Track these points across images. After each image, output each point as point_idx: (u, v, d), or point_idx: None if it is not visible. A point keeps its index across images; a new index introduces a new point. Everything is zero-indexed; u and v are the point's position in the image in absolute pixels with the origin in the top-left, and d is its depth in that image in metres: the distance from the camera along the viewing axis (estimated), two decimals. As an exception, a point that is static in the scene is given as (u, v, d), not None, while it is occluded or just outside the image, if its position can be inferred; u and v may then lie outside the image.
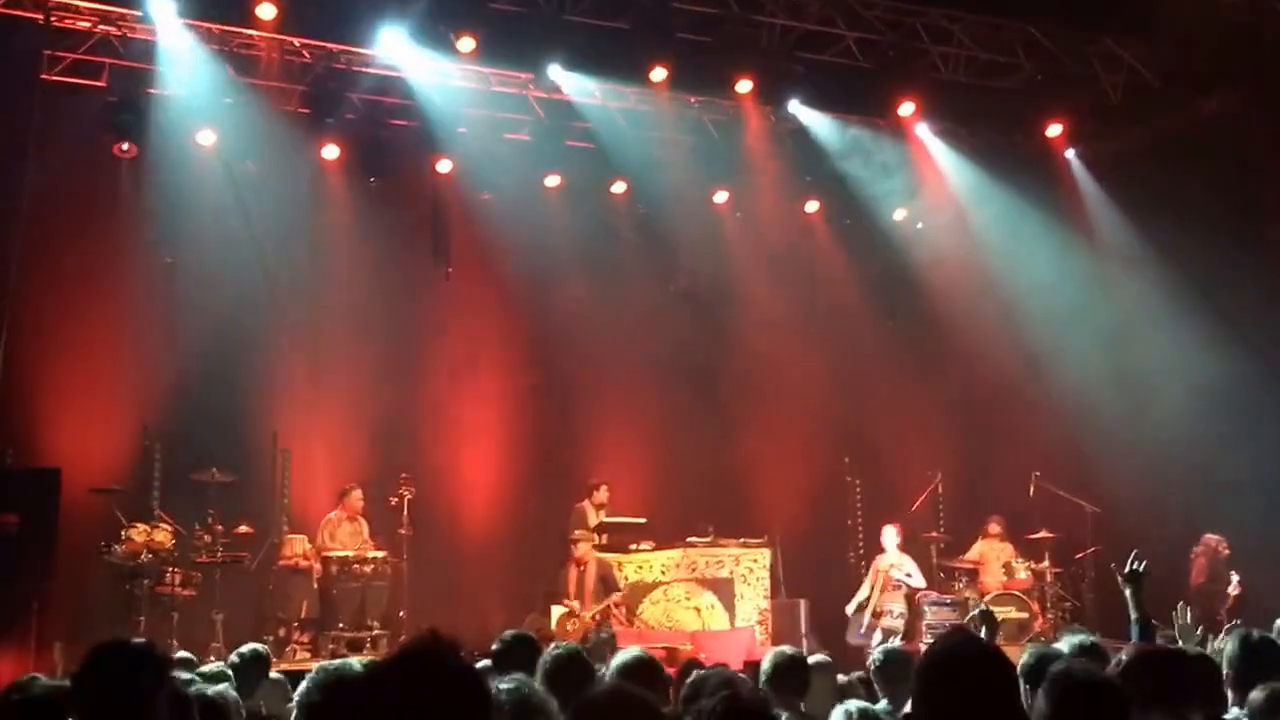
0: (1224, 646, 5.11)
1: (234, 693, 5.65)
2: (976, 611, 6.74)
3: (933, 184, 16.39)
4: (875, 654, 6.54)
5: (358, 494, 13.82)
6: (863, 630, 13.83)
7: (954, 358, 16.71)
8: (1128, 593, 5.97)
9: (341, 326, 14.85)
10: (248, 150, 14.26)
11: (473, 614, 13.81)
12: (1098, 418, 15.02)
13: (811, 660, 6.38)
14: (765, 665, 5.86)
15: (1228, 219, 13.68)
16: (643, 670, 4.92)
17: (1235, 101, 13.97)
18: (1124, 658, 4.17)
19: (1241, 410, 13.82)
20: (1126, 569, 6.01)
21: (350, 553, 13.42)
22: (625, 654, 5.41)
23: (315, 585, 13.35)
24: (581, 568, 13.42)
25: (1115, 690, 3.36)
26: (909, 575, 14.18)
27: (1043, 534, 14.61)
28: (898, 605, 13.84)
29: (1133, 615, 5.90)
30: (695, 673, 4.30)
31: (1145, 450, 14.33)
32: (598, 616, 13.11)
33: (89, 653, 3.82)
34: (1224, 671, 4.83)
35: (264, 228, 14.52)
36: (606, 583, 13.44)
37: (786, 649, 6.07)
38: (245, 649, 7.49)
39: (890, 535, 14.21)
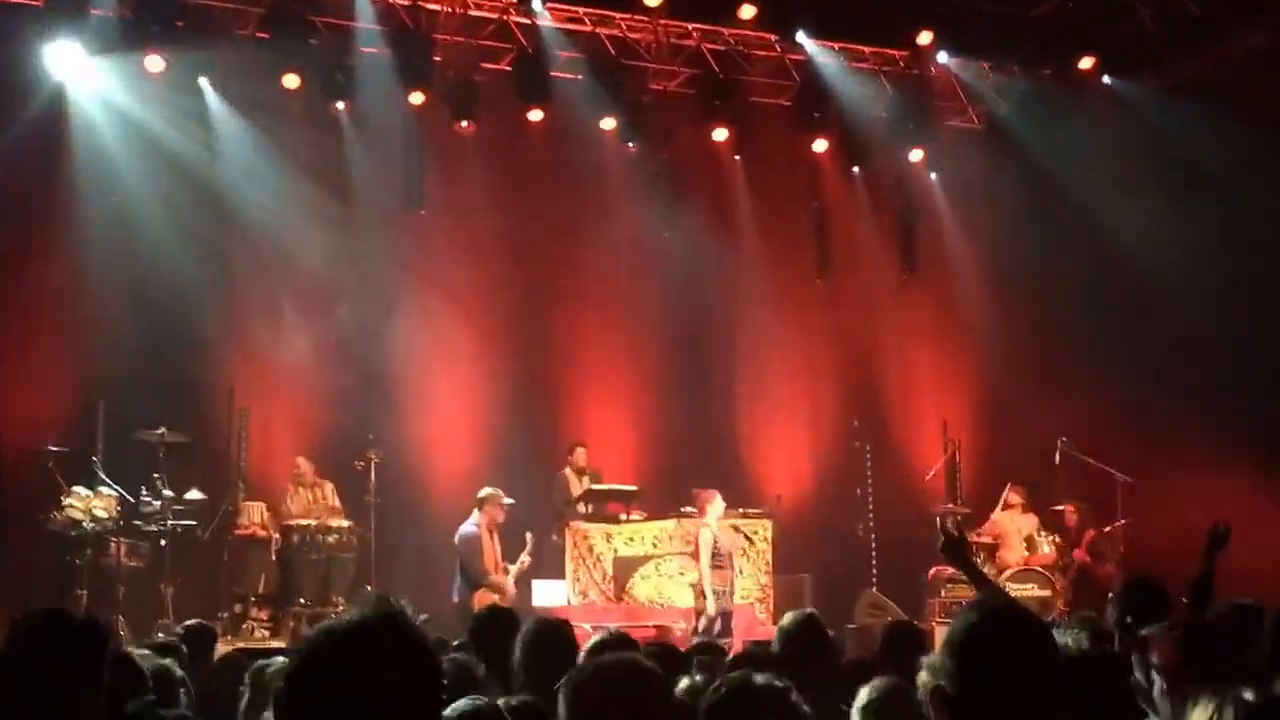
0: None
1: (179, 670, 5.69)
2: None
3: (953, 120, 16.40)
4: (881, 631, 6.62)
5: (299, 462, 13.78)
6: (714, 622, 12.31)
7: (976, 311, 16.68)
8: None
9: (304, 272, 14.62)
10: (202, 77, 14.20)
11: (447, 588, 13.44)
12: (1133, 377, 15.16)
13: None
14: (778, 631, 5.83)
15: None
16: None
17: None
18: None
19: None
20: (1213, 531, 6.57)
21: (312, 521, 13.35)
22: (602, 635, 5.63)
23: (274, 557, 13.28)
24: (492, 531, 13.20)
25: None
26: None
27: (1068, 505, 14.59)
28: (716, 584, 12.58)
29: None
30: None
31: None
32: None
33: (14, 626, 3.73)
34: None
35: (221, 162, 14.37)
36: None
37: (801, 611, 6.04)
38: (190, 623, 7.70)
39: (718, 506, 12.82)
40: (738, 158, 16.54)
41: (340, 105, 14.47)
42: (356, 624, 2.48)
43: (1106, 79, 15.87)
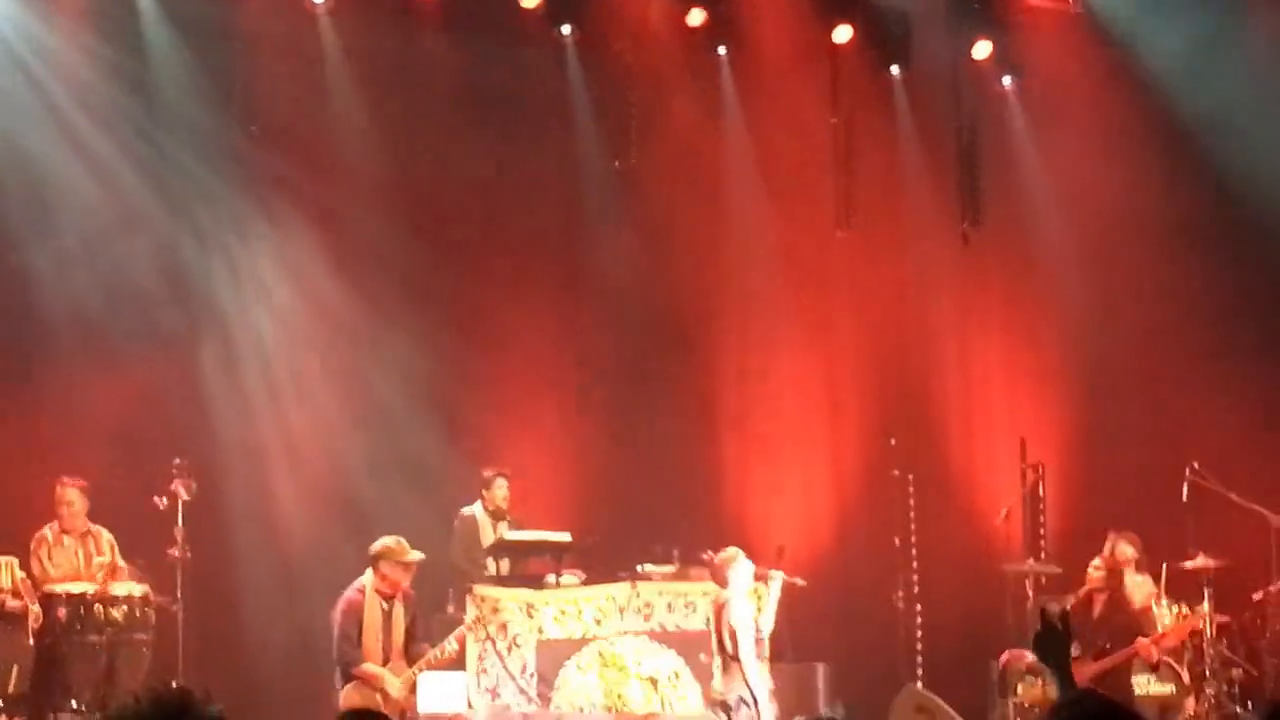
0: None
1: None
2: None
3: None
4: None
5: (65, 492, 13.32)
6: None
7: (1066, 280, 16.56)
8: None
9: (78, 220, 14.26)
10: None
11: (293, 683, 13.70)
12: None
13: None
14: None
15: None
16: None
17: None
18: None
19: None
20: None
21: (89, 587, 12.93)
22: None
23: (31, 640, 12.88)
24: (389, 605, 12.83)
25: None
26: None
27: (1201, 562, 14.38)
28: (766, 679, 12.85)
29: None
30: None
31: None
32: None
33: None
34: None
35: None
36: (412, 634, 13.01)
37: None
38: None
39: (745, 569, 13.04)
40: (722, 51, 16.40)
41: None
42: None
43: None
